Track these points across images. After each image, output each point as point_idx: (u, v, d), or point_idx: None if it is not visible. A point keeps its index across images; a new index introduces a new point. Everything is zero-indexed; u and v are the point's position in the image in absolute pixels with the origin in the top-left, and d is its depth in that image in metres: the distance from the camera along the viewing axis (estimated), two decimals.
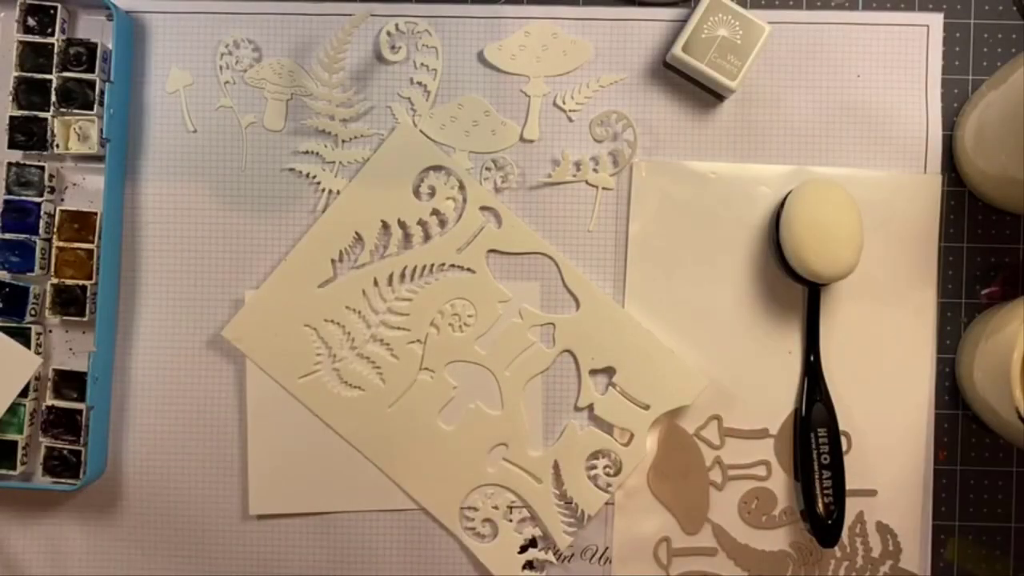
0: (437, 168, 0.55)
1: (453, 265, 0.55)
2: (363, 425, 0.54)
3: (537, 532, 0.54)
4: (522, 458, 0.54)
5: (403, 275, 0.54)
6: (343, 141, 0.55)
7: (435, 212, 0.54)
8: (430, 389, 0.55)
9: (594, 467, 0.54)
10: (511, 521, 0.54)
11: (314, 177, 0.55)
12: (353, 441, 0.54)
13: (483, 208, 0.55)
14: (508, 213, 0.55)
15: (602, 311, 0.54)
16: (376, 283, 0.54)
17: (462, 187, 0.55)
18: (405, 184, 0.54)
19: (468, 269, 0.55)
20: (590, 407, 0.54)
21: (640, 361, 0.54)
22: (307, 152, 0.55)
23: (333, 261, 0.54)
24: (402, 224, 0.54)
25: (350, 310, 0.54)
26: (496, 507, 0.54)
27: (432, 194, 0.54)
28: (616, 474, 0.54)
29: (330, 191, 0.55)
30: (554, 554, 0.55)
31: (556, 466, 0.54)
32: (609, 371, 0.54)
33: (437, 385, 0.55)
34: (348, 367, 0.54)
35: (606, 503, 0.55)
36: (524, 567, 0.54)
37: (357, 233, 0.54)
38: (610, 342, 0.54)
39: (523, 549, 0.55)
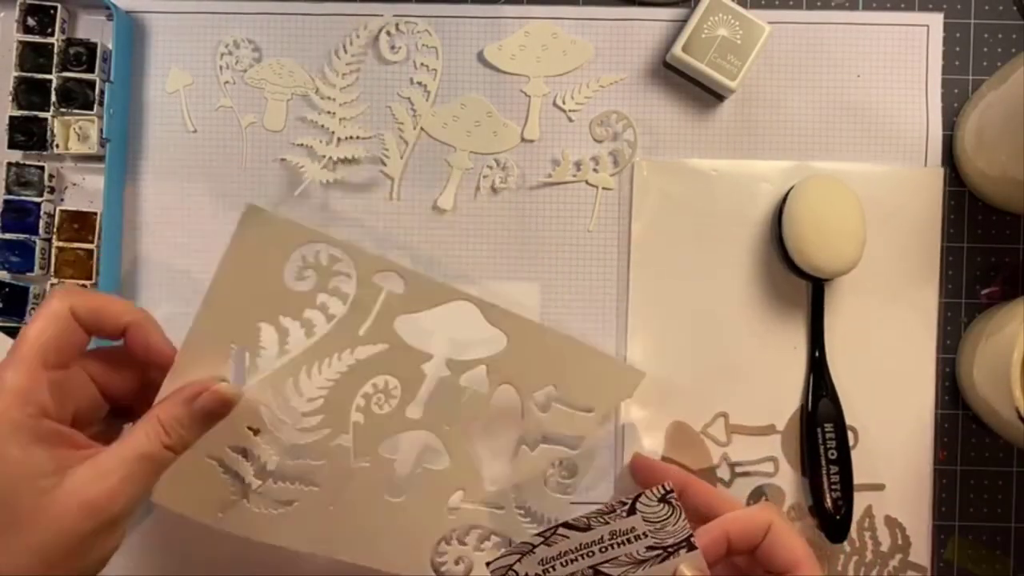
0: (313, 247, 0.47)
1: (363, 345, 0.49)
2: (307, 531, 0.50)
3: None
4: (481, 495, 0.53)
5: (309, 374, 0.49)
6: (338, 139, 0.55)
7: (322, 304, 0.48)
8: (370, 474, 0.50)
9: (552, 475, 0.53)
10: (483, 551, 0.53)
11: (301, 167, 0.54)
12: (301, 548, 0.50)
13: (379, 274, 0.48)
14: (409, 270, 0.48)
15: (530, 338, 0.51)
16: (274, 391, 0.48)
17: (342, 260, 0.48)
18: (276, 274, 0.47)
19: (381, 343, 0.49)
20: (539, 428, 0.53)
21: (577, 372, 0.52)
22: (301, 145, 0.55)
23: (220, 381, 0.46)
24: (281, 326, 0.48)
25: (252, 430, 0.49)
26: (465, 543, 0.53)
27: (312, 279, 0.47)
28: (571, 477, 0.53)
29: (313, 180, 0.54)
30: None
31: (516, 488, 0.53)
32: (549, 390, 0.53)
33: (376, 468, 0.50)
34: (271, 488, 0.50)
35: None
36: None
37: (234, 345, 0.47)
38: (545, 365, 0.51)
39: None
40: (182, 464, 0.44)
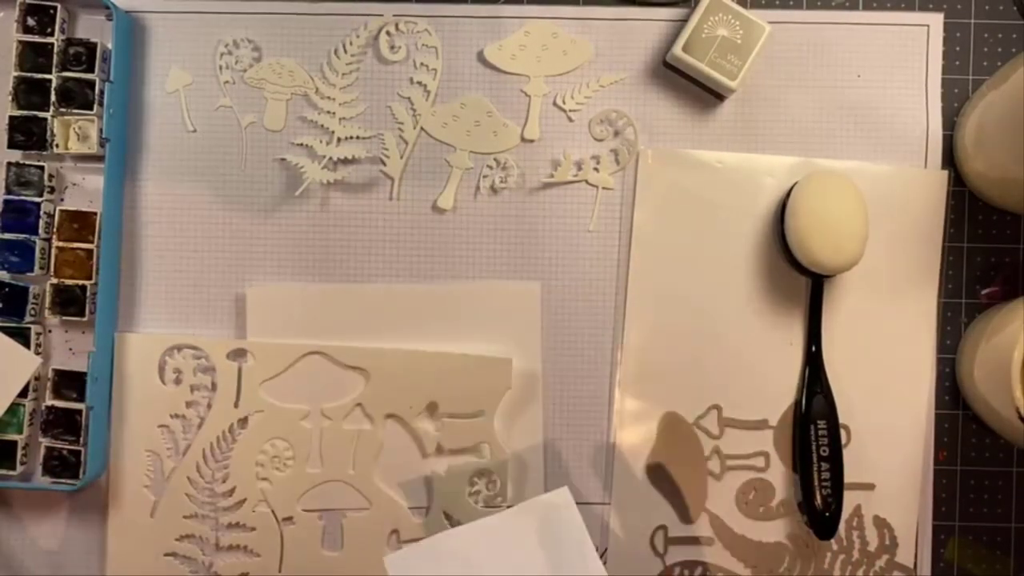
0: (172, 350, 0.54)
1: (239, 421, 0.54)
2: None
3: None
4: (416, 531, 0.54)
5: (205, 458, 0.54)
6: (338, 139, 0.55)
7: (197, 394, 0.54)
8: (299, 533, 0.54)
9: (478, 491, 0.54)
10: None
11: (301, 167, 0.54)
12: None
13: (231, 354, 0.54)
14: (252, 342, 0.54)
15: (390, 365, 0.54)
16: (191, 481, 0.54)
17: (199, 352, 0.54)
18: (152, 382, 0.54)
19: (255, 412, 0.54)
20: (437, 447, 0.54)
21: (450, 381, 0.54)
22: (301, 144, 0.55)
23: (146, 487, 0.54)
24: (176, 416, 0.54)
25: (189, 517, 0.54)
26: None
27: (181, 375, 0.54)
28: (500, 486, 0.54)
29: (313, 180, 0.54)
30: None
31: (447, 515, 0.54)
32: (432, 407, 0.54)
33: (302, 527, 0.54)
34: (223, 563, 0.54)
35: (603, 503, 0.55)
36: None
37: (148, 450, 0.54)
38: (415, 385, 0.54)
39: None
40: (144, 570, 0.54)
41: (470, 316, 0.55)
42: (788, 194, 0.53)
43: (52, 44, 0.53)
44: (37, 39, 0.53)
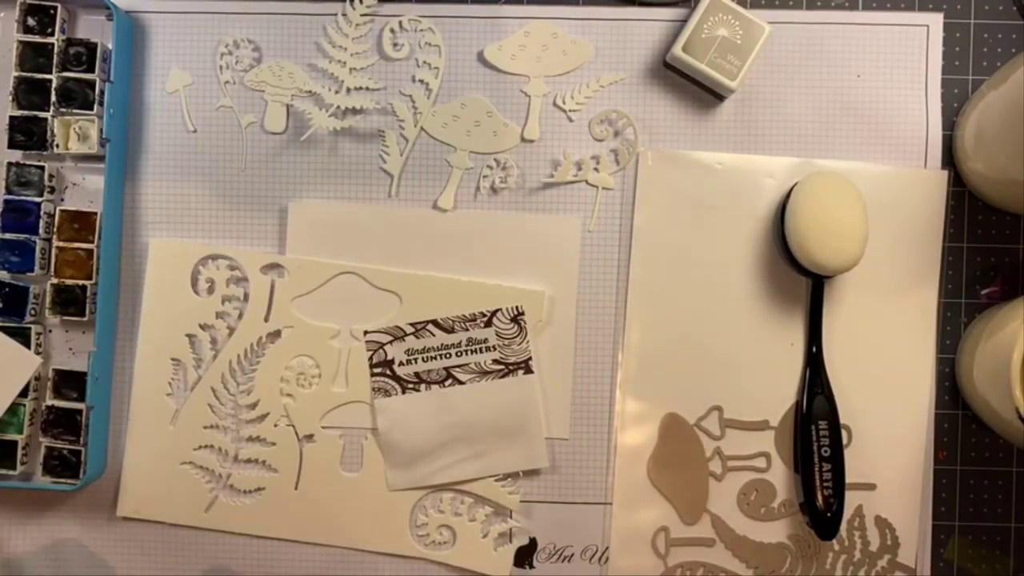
0: (207, 260, 0.54)
1: (269, 333, 0.54)
2: (281, 516, 0.54)
3: (488, 509, 0.54)
4: None
5: (232, 370, 0.54)
6: (348, 89, 0.55)
7: (228, 305, 0.54)
8: (319, 452, 0.54)
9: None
10: (460, 515, 0.54)
11: (308, 115, 0.54)
12: (281, 535, 0.54)
13: (265, 267, 0.54)
14: (287, 258, 0.54)
15: (421, 289, 0.54)
16: (214, 392, 0.54)
17: (233, 262, 0.54)
18: (184, 289, 0.54)
19: (285, 328, 0.54)
20: None
21: (482, 310, 0.54)
22: (309, 92, 0.55)
23: (168, 395, 0.54)
24: (202, 332, 0.54)
25: (209, 428, 0.54)
26: (441, 510, 0.54)
27: (213, 285, 0.54)
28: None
29: (319, 127, 0.54)
30: (555, 554, 0.55)
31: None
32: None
33: (324, 445, 0.54)
34: (239, 476, 0.54)
35: (605, 503, 0.55)
36: (517, 565, 0.54)
37: (173, 359, 0.54)
38: (447, 311, 0.54)
39: (521, 553, 0.55)
40: (160, 478, 0.54)
41: (508, 251, 0.55)
42: (788, 195, 0.53)
43: (52, 44, 0.53)
44: (37, 39, 0.53)
